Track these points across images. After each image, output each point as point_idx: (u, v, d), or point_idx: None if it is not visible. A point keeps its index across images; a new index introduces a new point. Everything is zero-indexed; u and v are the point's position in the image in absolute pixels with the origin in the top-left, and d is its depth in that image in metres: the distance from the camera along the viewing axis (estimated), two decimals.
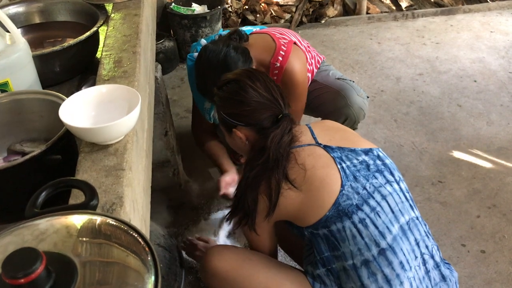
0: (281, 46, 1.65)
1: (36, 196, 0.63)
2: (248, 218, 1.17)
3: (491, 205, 1.97)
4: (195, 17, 2.98)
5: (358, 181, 1.13)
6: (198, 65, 1.57)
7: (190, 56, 1.72)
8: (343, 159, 1.15)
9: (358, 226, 1.09)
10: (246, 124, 1.19)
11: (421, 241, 1.15)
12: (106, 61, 1.15)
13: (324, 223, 1.11)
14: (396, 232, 1.10)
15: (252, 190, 1.14)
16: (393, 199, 1.14)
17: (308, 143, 1.19)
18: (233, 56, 1.50)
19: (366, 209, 1.10)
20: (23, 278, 0.44)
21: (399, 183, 1.19)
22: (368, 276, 1.08)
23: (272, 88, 1.19)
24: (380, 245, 1.08)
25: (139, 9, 1.41)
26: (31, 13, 1.44)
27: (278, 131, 1.14)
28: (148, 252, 0.53)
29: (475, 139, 2.38)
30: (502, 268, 1.69)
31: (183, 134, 2.35)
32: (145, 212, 0.96)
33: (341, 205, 1.10)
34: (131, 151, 0.87)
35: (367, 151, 1.20)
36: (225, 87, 1.22)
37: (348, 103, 1.74)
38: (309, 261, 1.22)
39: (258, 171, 1.13)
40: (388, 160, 1.22)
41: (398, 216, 1.13)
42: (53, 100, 0.98)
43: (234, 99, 1.19)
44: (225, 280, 1.22)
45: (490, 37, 3.45)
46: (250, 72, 1.23)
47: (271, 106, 1.17)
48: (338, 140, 1.21)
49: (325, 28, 3.64)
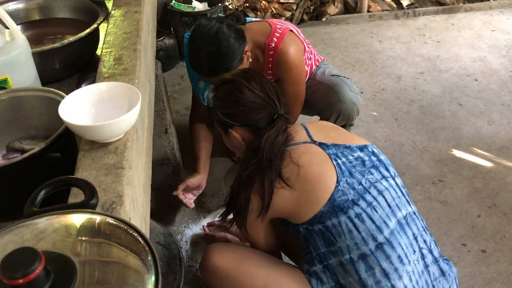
0: (276, 28, 1.66)
1: (35, 195, 0.63)
2: (240, 217, 1.18)
3: (491, 205, 1.96)
4: (195, 14, 2.97)
5: (354, 176, 1.13)
6: (191, 39, 1.57)
7: (187, 35, 1.73)
8: (339, 155, 1.16)
9: (355, 221, 1.09)
10: (241, 124, 1.20)
11: (419, 236, 1.15)
12: (106, 59, 1.14)
13: (319, 219, 1.12)
14: (394, 227, 1.11)
15: (245, 190, 1.15)
16: (390, 194, 1.15)
17: (304, 141, 1.19)
18: (225, 32, 1.49)
19: (362, 204, 1.11)
20: (21, 278, 0.44)
21: (394, 178, 1.20)
22: (366, 270, 1.08)
23: (268, 88, 1.20)
24: (378, 239, 1.08)
25: (139, 6, 1.40)
26: (30, 9, 1.44)
27: (273, 131, 1.14)
28: (148, 251, 0.53)
29: (476, 138, 2.37)
30: (503, 267, 1.69)
31: (183, 131, 2.34)
32: (145, 210, 0.96)
33: (336, 200, 1.10)
34: (131, 149, 0.86)
35: (362, 147, 1.21)
36: (222, 87, 1.23)
37: (341, 98, 1.74)
38: (306, 259, 1.22)
39: (252, 170, 1.14)
40: (382, 156, 1.23)
41: (395, 211, 1.13)
42: (53, 98, 0.98)
43: (230, 99, 1.20)
44: (225, 278, 1.23)
45: (491, 36, 3.44)
46: (246, 73, 1.24)
47: (266, 106, 1.17)
48: (333, 137, 1.22)
49: (326, 26, 3.63)
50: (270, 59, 1.67)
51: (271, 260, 1.26)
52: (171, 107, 1.98)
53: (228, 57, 1.49)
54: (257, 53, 1.68)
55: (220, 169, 2.19)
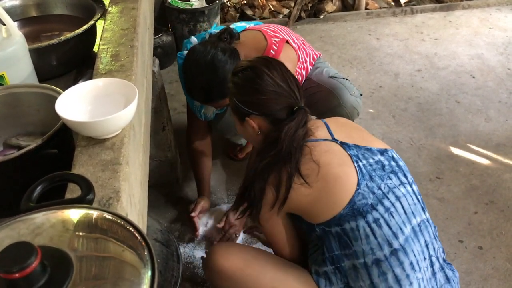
0: (272, 44, 1.64)
1: (32, 190, 0.63)
2: (253, 208, 1.15)
3: (488, 201, 1.97)
4: (193, 11, 2.96)
5: (374, 180, 1.11)
6: (186, 67, 1.56)
7: (180, 54, 1.71)
8: (360, 157, 1.13)
9: (372, 226, 1.08)
10: (260, 113, 1.16)
11: (430, 243, 1.15)
12: (103, 55, 1.14)
13: (337, 221, 1.10)
14: (408, 233, 1.10)
15: (261, 181, 1.11)
16: (406, 200, 1.13)
17: (324, 138, 1.16)
18: (221, 59, 1.48)
19: (380, 209, 1.09)
20: (17, 272, 0.44)
21: (411, 185, 1.18)
22: (379, 275, 1.08)
23: (289, 78, 1.16)
24: (393, 245, 1.07)
25: (136, 3, 1.40)
26: (27, 6, 1.43)
27: (293, 123, 1.11)
28: (144, 246, 0.53)
29: (473, 136, 2.38)
30: (499, 264, 1.70)
31: (180, 129, 2.34)
32: (142, 207, 0.96)
33: (356, 204, 1.08)
34: (128, 145, 0.86)
35: (382, 151, 1.18)
36: (241, 74, 1.18)
37: (341, 103, 1.72)
38: (314, 258, 1.20)
39: (269, 162, 1.10)
40: (401, 162, 1.21)
41: (411, 218, 1.12)
42: (50, 94, 0.98)
43: (250, 86, 1.15)
44: (231, 279, 1.19)
45: (489, 33, 3.44)
46: (267, 61, 1.19)
47: (287, 96, 1.14)
48: (355, 138, 1.19)
49: (324, 23, 3.62)
50: None
51: (278, 261, 1.23)
52: (168, 104, 1.98)
53: (224, 84, 1.43)
54: None
55: (218, 167, 2.19)
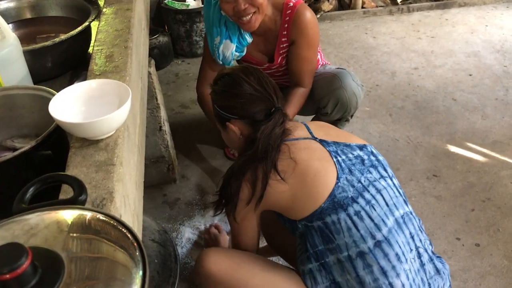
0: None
1: (24, 192, 0.63)
2: (229, 204, 1.19)
3: (485, 199, 1.97)
4: (189, 12, 2.96)
5: (354, 174, 1.14)
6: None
7: None
8: (339, 153, 1.17)
9: (354, 219, 1.10)
10: (239, 116, 1.21)
11: (415, 235, 1.16)
12: (97, 56, 1.14)
13: (319, 215, 1.12)
14: (391, 225, 1.11)
15: (237, 179, 1.15)
16: (388, 193, 1.15)
17: (304, 136, 1.20)
18: None
19: (361, 201, 1.11)
20: (8, 273, 0.44)
21: (392, 179, 1.21)
22: (364, 267, 1.08)
23: (265, 83, 1.21)
24: (376, 237, 1.09)
25: (131, 4, 1.40)
26: (22, 8, 1.44)
27: (270, 123, 1.15)
28: (136, 247, 0.53)
29: (470, 133, 2.38)
30: (497, 261, 1.70)
31: (177, 129, 2.34)
32: (138, 207, 0.96)
33: (336, 197, 1.10)
34: (122, 146, 0.86)
35: (361, 146, 1.22)
36: (220, 81, 1.25)
37: (342, 85, 1.75)
38: (301, 259, 1.21)
39: (245, 160, 1.15)
40: (381, 156, 1.25)
41: (393, 210, 1.14)
42: (44, 96, 0.98)
43: (228, 92, 1.21)
44: (220, 284, 1.20)
45: (485, 31, 3.45)
46: (245, 68, 1.25)
47: (263, 99, 1.18)
48: (333, 135, 1.23)
49: (320, 22, 3.62)
50: (287, 19, 1.71)
51: (266, 264, 1.24)
52: (165, 104, 1.98)
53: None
54: (274, 14, 1.72)
55: (218, 167, 2.19)
